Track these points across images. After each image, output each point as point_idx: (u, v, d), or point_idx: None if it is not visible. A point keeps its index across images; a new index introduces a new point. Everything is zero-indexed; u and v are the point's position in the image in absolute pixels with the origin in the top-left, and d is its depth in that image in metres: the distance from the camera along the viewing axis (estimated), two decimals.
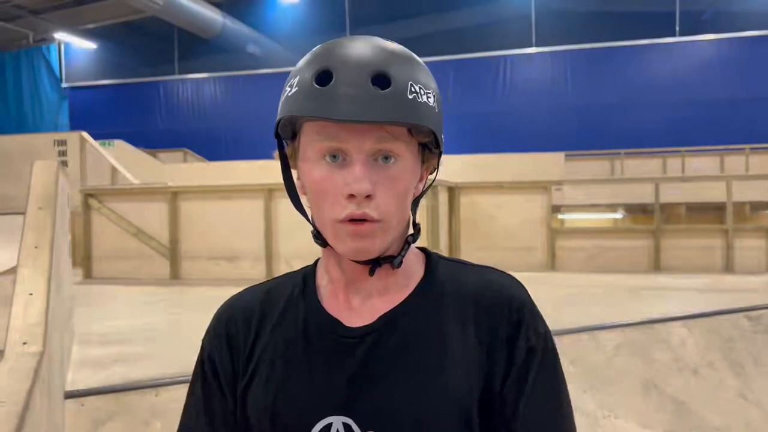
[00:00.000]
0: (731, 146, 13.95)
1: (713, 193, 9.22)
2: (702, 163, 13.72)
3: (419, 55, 0.80)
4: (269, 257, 6.83)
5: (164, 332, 4.09)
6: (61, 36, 19.43)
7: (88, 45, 20.24)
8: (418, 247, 0.90)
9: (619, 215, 11.26)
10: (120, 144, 12.48)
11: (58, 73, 19.99)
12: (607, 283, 6.54)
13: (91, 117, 18.50)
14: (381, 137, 0.74)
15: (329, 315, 0.84)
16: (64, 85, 20.31)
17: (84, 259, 7.26)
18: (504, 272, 0.87)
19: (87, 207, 7.28)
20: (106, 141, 11.87)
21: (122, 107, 19.83)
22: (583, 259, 7.78)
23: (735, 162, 13.46)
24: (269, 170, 11.52)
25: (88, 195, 7.34)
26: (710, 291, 5.98)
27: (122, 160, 10.21)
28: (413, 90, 0.74)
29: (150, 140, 16.25)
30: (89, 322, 4.40)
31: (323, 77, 0.74)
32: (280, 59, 19.97)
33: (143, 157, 12.85)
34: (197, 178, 10.70)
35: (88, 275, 7.23)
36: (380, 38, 0.79)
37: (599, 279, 6.89)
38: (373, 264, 0.81)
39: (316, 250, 0.91)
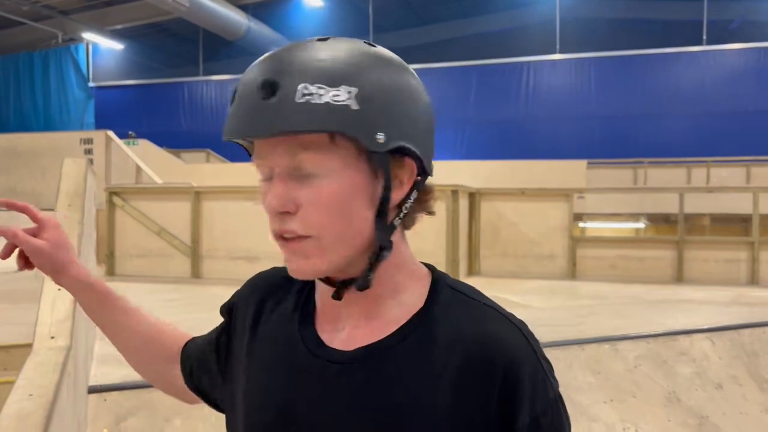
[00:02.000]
0: (759, 157, 13.74)
1: (739, 204, 9.09)
2: (728, 173, 13.52)
3: (442, 61, 0.73)
4: None
5: (184, 330, 4.12)
6: (89, 36, 19.75)
7: (116, 45, 20.54)
8: (426, 265, 0.80)
9: (641, 225, 11.14)
10: (144, 143, 12.63)
11: (85, 72, 20.31)
12: (628, 293, 6.46)
13: (117, 116, 18.76)
14: (291, 149, 0.68)
15: (314, 330, 0.78)
16: (90, 84, 20.62)
17: (107, 256, 7.35)
18: (510, 320, 0.75)
19: (111, 205, 7.37)
20: (131, 140, 12.02)
21: (147, 107, 20.09)
22: (605, 268, 7.70)
23: (762, 173, 13.25)
24: None
25: (113, 193, 7.43)
26: (734, 304, 5.89)
27: (146, 159, 10.33)
28: (305, 92, 0.66)
29: (173, 140, 16.42)
30: None
31: (232, 96, 0.71)
32: None
33: (167, 156, 12.99)
34: (219, 178, 10.79)
35: (111, 272, 7.32)
36: (325, 41, 0.71)
37: (621, 289, 6.81)
38: (337, 288, 0.74)
39: None
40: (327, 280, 0.75)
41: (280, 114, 0.66)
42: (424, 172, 0.74)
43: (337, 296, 0.74)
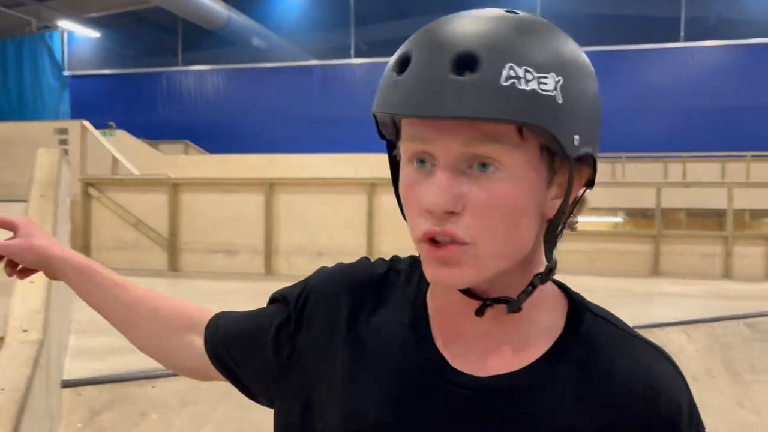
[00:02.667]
0: (733, 153, 13.96)
1: (714, 199, 9.23)
2: (703, 169, 13.73)
3: None
4: (269, 252, 6.82)
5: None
6: (64, 24, 19.38)
7: (92, 33, 20.18)
8: (557, 283, 0.71)
9: (619, 219, 11.27)
10: (121, 134, 12.45)
11: (60, 61, 19.94)
12: (605, 286, 6.53)
13: (93, 106, 18.47)
14: (472, 138, 0.57)
15: (433, 343, 0.68)
16: (66, 73, 20.26)
17: (82, 248, 7.24)
18: (664, 354, 0.68)
19: (87, 196, 7.26)
20: (107, 131, 11.84)
21: (124, 97, 19.81)
22: (584, 261, 7.78)
23: (736, 169, 13.47)
24: (271, 164, 11.58)
25: (88, 184, 7.32)
26: (709, 297, 5.98)
27: (123, 150, 10.18)
28: (512, 74, 0.55)
29: (151, 131, 16.21)
30: (88, 311, 4.38)
31: (403, 64, 0.59)
32: (285, 54, 19.96)
33: (144, 147, 12.83)
34: (198, 170, 10.68)
35: None
36: (498, 10, 0.62)
37: (598, 282, 6.88)
38: (483, 303, 0.64)
39: (320, 247, 0.84)
40: (467, 292, 0.64)
41: (480, 95, 0.55)
42: (592, 183, 0.65)
43: (480, 313, 0.64)
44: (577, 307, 0.69)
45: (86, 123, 9.65)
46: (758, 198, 9.72)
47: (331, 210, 6.68)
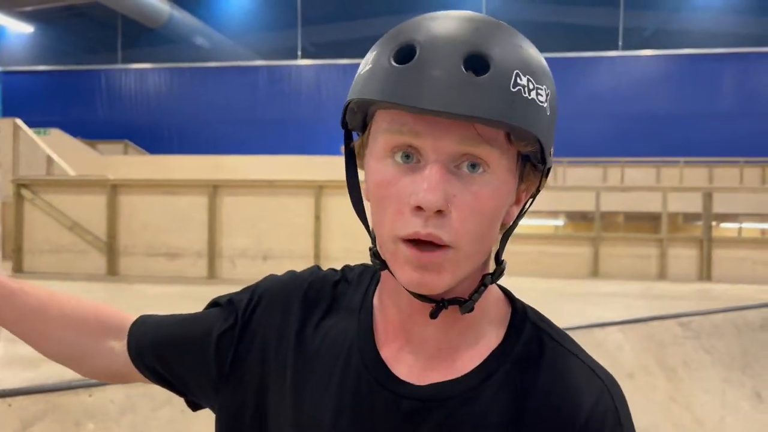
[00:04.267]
0: (668, 158, 14.54)
1: (650, 203, 9.58)
2: (640, 174, 14.24)
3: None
4: (212, 255, 6.69)
5: None
6: None
7: (25, 28, 19.38)
8: (503, 290, 0.71)
9: (560, 222, 11.57)
10: (56, 133, 12.00)
11: None
12: (547, 288, 6.69)
13: (26, 104, 17.72)
14: (468, 138, 0.56)
15: (377, 351, 0.68)
16: None
17: (14, 251, 6.94)
18: (597, 374, 0.66)
19: (19, 198, 6.97)
20: (42, 129, 11.39)
21: (60, 95, 19.09)
22: (526, 263, 7.94)
23: (671, 174, 14.04)
24: (215, 166, 11.36)
25: (21, 185, 7.02)
26: (645, 297, 6.20)
27: (59, 149, 9.81)
28: (519, 81, 0.56)
29: (89, 130, 15.68)
30: None
31: (404, 53, 0.57)
32: (229, 53, 19.65)
33: (81, 147, 12.40)
34: (138, 171, 10.39)
35: (19, 269, 6.92)
36: (489, 17, 0.62)
37: (540, 284, 7.04)
38: (437, 305, 0.62)
39: (266, 250, 0.82)
40: (420, 295, 0.62)
41: (495, 99, 0.55)
42: (538, 191, 0.66)
43: (435, 315, 0.63)
44: (518, 316, 0.68)
45: (18, 121, 9.26)
46: (691, 202, 10.13)
47: (277, 212, 6.60)
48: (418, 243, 0.58)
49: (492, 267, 0.66)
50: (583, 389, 0.64)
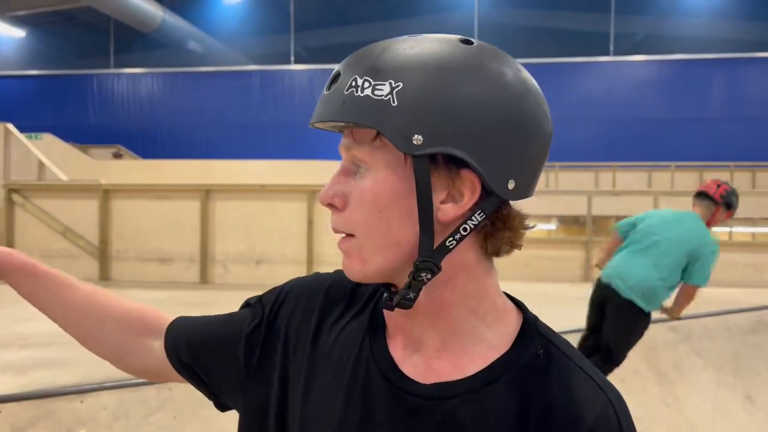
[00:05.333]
0: (659, 163, 14.62)
1: (642, 207, 9.60)
2: (632, 178, 14.31)
3: None
4: (204, 260, 6.67)
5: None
6: None
7: (16, 32, 19.31)
8: (516, 302, 0.73)
9: (552, 226, 11.60)
10: (48, 138, 11.95)
11: None
12: (540, 292, 6.70)
13: (18, 108, 17.64)
14: (348, 143, 0.66)
15: (387, 348, 0.71)
16: None
17: None
18: (604, 390, 0.66)
19: (10, 202, 6.93)
20: (34, 134, 11.33)
21: (52, 100, 19.02)
22: (518, 267, 7.96)
23: (662, 178, 14.11)
24: (208, 170, 11.30)
25: (12, 190, 6.98)
26: None
27: (50, 154, 9.76)
28: (353, 84, 0.62)
29: (81, 135, 15.63)
30: (9, 324, 4.17)
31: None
32: (222, 58, 19.64)
33: (73, 152, 12.34)
34: (130, 176, 10.36)
35: None
36: (421, 36, 0.67)
37: (533, 288, 7.06)
38: (388, 296, 0.68)
39: (258, 254, 0.83)
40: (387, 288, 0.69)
41: (329, 103, 0.65)
42: (490, 192, 0.64)
43: (387, 306, 0.66)
44: (529, 326, 0.70)
45: (10, 126, 9.21)
46: (682, 206, 10.18)
47: (270, 217, 6.60)
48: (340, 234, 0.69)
49: (479, 277, 0.67)
50: (588, 403, 0.64)
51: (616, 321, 3.59)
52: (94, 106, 19.44)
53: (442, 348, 0.68)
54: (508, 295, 0.72)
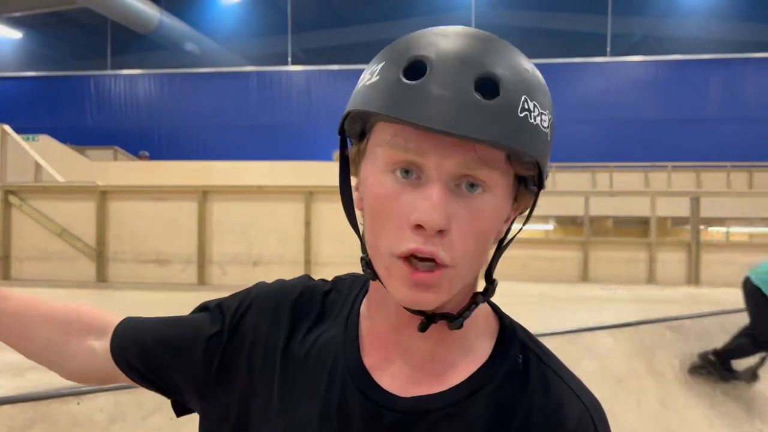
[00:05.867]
0: (656, 163, 14.64)
1: (638, 207, 9.63)
2: (629, 178, 14.33)
3: (360, 63, 0.63)
4: (202, 261, 6.66)
5: None
6: None
7: (13, 34, 19.27)
8: (491, 305, 0.71)
9: (550, 227, 11.62)
10: (45, 139, 11.93)
11: None
12: (538, 292, 6.71)
13: (15, 110, 17.61)
14: (470, 159, 0.57)
15: (361, 361, 0.68)
16: None
17: (2, 259, 6.88)
18: (581, 399, 0.66)
19: (7, 204, 6.91)
20: (30, 135, 11.31)
21: (49, 101, 18.99)
22: (516, 268, 7.96)
23: (659, 178, 14.13)
24: (205, 171, 11.31)
25: (9, 192, 6.97)
26: (634, 302, 6.23)
27: (47, 156, 9.74)
28: (526, 107, 0.57)
29: (78, 136, 15.60)
30: None
31: (414, 70, 0.57)
32: (219, 59, 19.63)
33: (70, 153, 12.32)
34: (128, 177, 10.35)
35: (6, 276, 6.86)
36: (500, 39, 0.62)
37: (531, 288, 7.06)
38: (428, 318, 0.62)
39: (256, 256, 0.82)
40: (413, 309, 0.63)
41: (503, 123, 0.55)
42: (531, 212, 0.67)
43: (424, 329, 0.62)
44: (506, 332, 0.68)
45: (6, 127, 9.19)
46: (679, 206, 10.21)
47: (267, 218, 6.59)
48: (413, 259, 0.58)
49: (480, 283, 0.66)
50: (565, 411, 0.64)
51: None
52: (91, 107, 19.41)
53: (429, 360, 0.66)
54: None
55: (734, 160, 14.61)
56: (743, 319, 4.41)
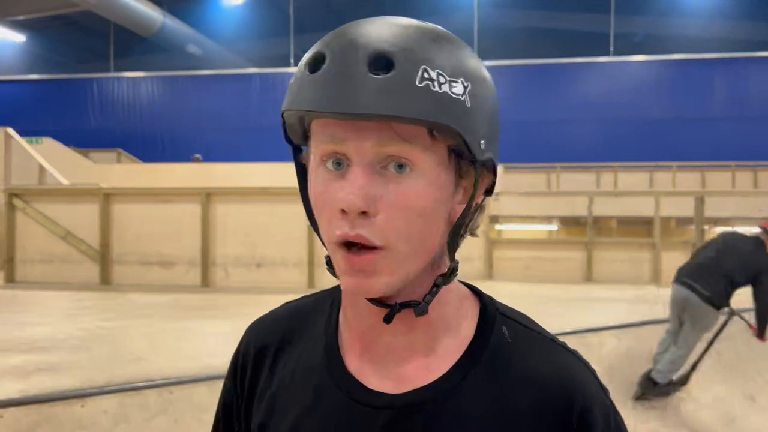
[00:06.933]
0: (660, 163, 14.60)
1: (643, 207, 9.60)
2: (633, 178, 14.29)
3: None
4: (205, 263, 6.66)
5: (91, 340, 3.92)
6: None
7: (16, 37, 19.34)
8: (469, 286, 0.70)
9: (553, 227, 11.59)
10: (49, 142, 11.96)
11: None
12: (542, 293, 6.69)
13: (18, 113, 17.66)
14: (387, 138, 0.57)
15: (344, 368, 0.67)
16: None
17: (6, 261, 6.89)
18: (577, 356, 0.67)
19: (11, 207, 6.93)
20: (34, 138, 11.35)
21: (52, 104, 19.04)
22: (520, 269, 7.96)
23: (663, 178, 14.09)
24: (208, 174, 11.31)
25: (13, 195, 6.98)
26: (638, 302, 6.22)
27: (51, 158, 9.77)
28: (427, 76, 0.56)
29: (81, 139, 15.64)
30: (10, 328, 4.17)
31: (316, 61, 0.58)
32: (221, 61, 19.66)
33: (74, 156, 12.36)
34: (131, 179, 10.37)
35: (11, 279, 6.87)
36: (410, 19, 0.62)
37: (535, 289, 7.05)
38: (390, 309, 0.62)
39: (259, 257, 0.81)
40: (374, 300, 0.62)
41: (397, 95, 0.55)
42: (491, 190, 0.66)
43: (389, 320, 0.62)
44: (487, 310, 0.68)
45: (10, 130, 9.23)
46: (683, 206, 10.18)
47: (270, 220, 6.60)
48: (351, 247, 0.58)
49: (445, 267, 0.65)
50: (569, 371, 0.64)
51: None
52: (95, 110, 19.46)
53: (412, 351, 0.65)
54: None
55: (739, 159, 14.57)
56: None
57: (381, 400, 0.64)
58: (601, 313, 5.52)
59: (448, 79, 0.57)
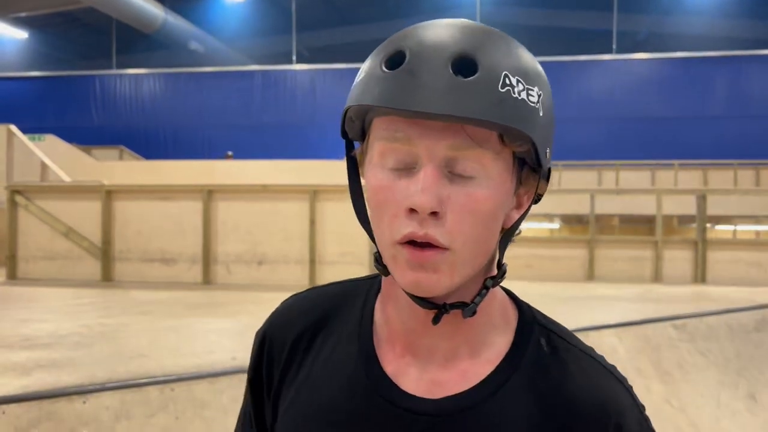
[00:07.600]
0: (662, 161, 14.59)
1: (644, 205, 9.60)
2: (635, 176, 14.28)
3: (363, 62, 0.63)
4: (207, 260, 6.67)
5: (93, 336, 3.92)
6: None
7: (19, 34, 19.35)
8: (507, 292, 0.70)
9: (555, 225, 11.59)
10: (51, 139, 11.97)
11: None
12: (543, 291, 6.69)
13: (20, 110, 17.68)
14: (460, 140, 0.57)
15: (381, 369, 0.66)
16: None
17: (8, 258, 6.90)
18: (614, 375, 0.67)
19: (13, 204, 6.94)
20: (36, 135, 11.36)
21: (54, 101, 19.06)
22: (521, 267, 7.95)
23: (665, 176, 14.07)
24: (210, 171, 11.32)
25: (15, 191, 6.99)
26: (640, 300, 6.21)
27: (53, 155, 9.78)
28: (508, 82, 0.56)
29: (84, 136, 15.66)
30: (12, 324, 4.17)
31: (394, 60, 0.58)
32: (224, 58, 19.66)
33: (76, 153, 12.37)
34: (133, 176, 10.37)
35: (13, 276, 6.88)
36: (478, 23, 0.63)
37: (536, 287, 7.05)
38: (439, 310, 0.62)
39: (261, 255, 0.79)
40: (425, 300, 0.61)
41: (479, 98, 0.55)
42: (540, 197, 0.67)
43: (437, 320, 0.62)
44: (526, 319, 0.68)
45: (13, 127, 9.23)
46: (685, 204, 10.17)
47: (272, 217, 6.60)
48: (415, 245, 0.58)
49: (495, 271, 0.66)
50: (605, 387, 0.65)
51: None
52: (97, 107, 19.48)
53: (451, 357, 0.65)
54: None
55: (741, 157, 14.55)
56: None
57: (417, 405, 0.63)
58: (602, 311, 5.52)
59: (526, 86, 0.58)
